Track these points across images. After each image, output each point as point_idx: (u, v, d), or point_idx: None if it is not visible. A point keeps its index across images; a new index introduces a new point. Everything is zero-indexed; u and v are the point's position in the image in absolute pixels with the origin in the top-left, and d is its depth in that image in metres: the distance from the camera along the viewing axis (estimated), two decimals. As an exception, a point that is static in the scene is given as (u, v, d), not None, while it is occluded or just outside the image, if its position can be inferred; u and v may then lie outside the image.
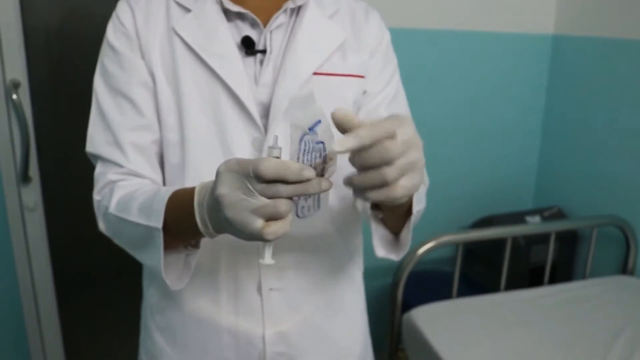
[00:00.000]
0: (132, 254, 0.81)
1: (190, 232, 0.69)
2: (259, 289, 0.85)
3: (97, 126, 0.83)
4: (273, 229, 0.58)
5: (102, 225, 0.83)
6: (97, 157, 0.83)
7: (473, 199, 2.21)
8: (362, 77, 0.86)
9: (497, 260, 1.83)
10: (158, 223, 0.70)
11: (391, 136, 0.56)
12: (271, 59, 0.81)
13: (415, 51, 1.96)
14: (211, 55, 0.79)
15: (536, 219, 2.00)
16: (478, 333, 1.53)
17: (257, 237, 0.59)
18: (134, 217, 0.74)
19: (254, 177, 0.57)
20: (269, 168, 0.56)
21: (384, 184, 0.57)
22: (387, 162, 0.56)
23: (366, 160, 0.57)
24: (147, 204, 0.73)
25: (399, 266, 1.70)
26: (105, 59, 0.82)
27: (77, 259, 2.43)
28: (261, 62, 0.81)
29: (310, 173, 0.57)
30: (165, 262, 0.74)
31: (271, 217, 0.58)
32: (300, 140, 0.59)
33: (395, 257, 0.78)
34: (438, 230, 1.74)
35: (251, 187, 0.58)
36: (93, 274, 2.60)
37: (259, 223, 0.58)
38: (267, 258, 0.62)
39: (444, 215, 2.11)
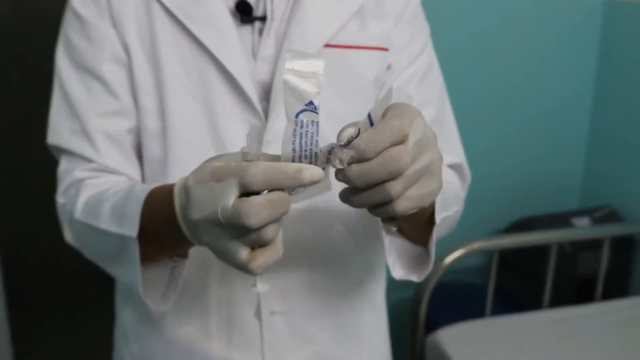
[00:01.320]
0: (106, 270, 0.80)
1: (174, 240, 0.67)
2: (258, 313, 0.85)
3: (61, 112, 0.82)
4: (261, 262, 0.56)
5: (68, 235, 0.83)
6: (61, 150, 0.83)
7: (508, 197, 2.21)
8: (385, 49, 0.85)
9: (539, 271, 1.83)
10: (132, 231, 0.68)
11: (402, 140, 0.54)
12: (272, 27, 0.81)
13: (444, 19, 1.93)
14: (198, 24, 0.78)
15: (585, 221, 2.00)
16: (516, 359, 1.52)
17: (242, 270, 0.57)
18: (104, 223, 0.73)
19: (241, 189, 0.53)
20: (256, 176, 0.52)
21: (388, 201, 0.56)
22: (396, 175, 0.54)
23: (368, 177, 0.54)
24: (120, 206, 0.72)
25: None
26: (68, 29, 0.82)
27: (33, 263, 2.46)
28: (260, 32, 0.81)
29: (313, 173, 0.53)
30: (146, 278, 0.72)
31: (257, 245, 0.56)
32: (296, 117, 0.54)
33: (416, 277, 0.76)
34: (468, 235, 1.73)
35: (225, 209, 0.54)
36: (51, 282, 2.61)
37: (243, 254, 0.56)
38: (260, 285, 0.61)
39: (474, 216, 2.05)
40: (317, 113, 0.54)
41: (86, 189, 0.79)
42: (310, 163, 0.55)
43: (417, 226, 0.73)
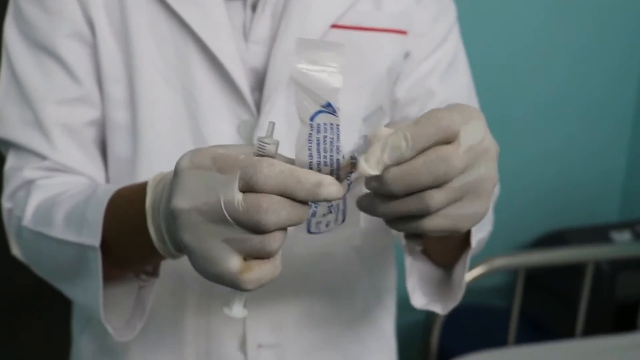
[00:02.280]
0: (60, 289, 0.80)
1: (142, 252, 0.67)
2: (243, 346, 0.85)
3: (9, 98, 0.82)
4: (256, 276, 0.52)
5: (14, 247, 0.83)
6: (9, 144, 0.83)
7: (536, 207, 2.21)
8: (403, 32, 0.84)
9: (572, 294, 1.83)
10: (93, 239, 0.68)
11: (450, 138, 0.51)
12: (269, 2, 0.80)
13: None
14: None
15: (625, 235, 1.99)
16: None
17: (228, 282, 0.53)
18: (58, 231, 0.73)
19: (242, 186, 0.50)
20: (270, 178, 0.49)
21: (424, 214, 0.52)
22: (441, 182, 0.51)
23: (409, 180, 0.50)
24: (78, 211, 0.72)
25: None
26: None
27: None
28: (253, 8, 0.80)
29: (331, 191, 0.50)
30: (108, 300, 0.72)
31: (254, 255, 0.52)
32: (311, 121, 0.51)
33: (440, 308, 0.75)
34: (489, 251, 1.70)
35: (231, 203, 0.51)
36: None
37: (234, 263, 0.52)
38: (237, 309, 0.57)
39: (496, 228, 2.05)
40: (336, 115, 0.51)
41: (37, 192, 0.78)
42: (332, 173, 0.52)
43: (448, 248, 0.73)
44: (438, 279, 0.76)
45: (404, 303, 1.75)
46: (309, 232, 0.58)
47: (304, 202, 0.51)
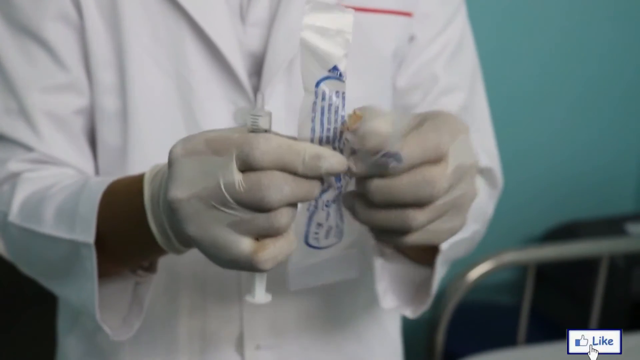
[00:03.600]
0: (50, 288, 0.80)
1: (141, 249, 0.69)
2: (240, 347, 0.85)
3: None
4: (271, 254, 0.53)
5: (0, 245, 0.83)
6: None
7: (546, 198, 2.21)
8: (408, 14, 0.85)
9: (585, 290, 1.83)
10: (87, 236, 0.68)
11: (438, 159, 0.53)
12: None
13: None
14: None
15: None
16: (558, 399, 1.53)
17: (244, 265, 0.54)
18: (49, 227, 0.73)
19: (240, 166, 0.51)
20: (267, 153, 0.50)
21: (404, 231, 0.55)
22: (424, 203, 0.53)
23: (390, 197, 0.53)
24: (69, 205, 0.72)
25: (439, 297, 1.68)
26: None
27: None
28: None
29: (333, 163, 0.52)
30: (103, 298, 0.72)
31: (263, 234, 0.54)
32: (317, 87, 0.53)
33: (411, 312, 0.77)
34: (497, 245, 1.72)
35: (231, 183, 0.52)
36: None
37: (245, 245, 0.53)
38: (260, 294, 0.58)
39: (505, 222, 2.03)
40: (343, 81, 0.53)
41: (24, 185, 0.78)
42: (334, 147, 0.53)
43: (421, 250, 0.74)
44: (411, 281, 0.78)
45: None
46: (308, 244, 0.59)
47: (308, 178, 0.52)
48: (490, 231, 1.14)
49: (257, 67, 0.79)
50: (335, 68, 0.53)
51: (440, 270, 0.74)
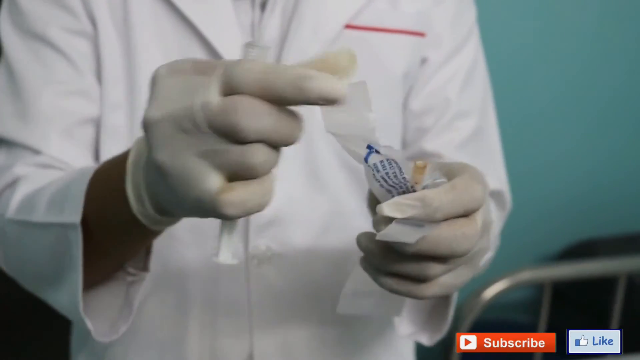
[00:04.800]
0: (44, 297, 0.76)
1: (123, 227, 0.62)
2: None
3: (3, 92, 0.82)
4: (237, 197, 0.47)
5: None
6: (1, 142, 0.83)
7: (564, 215, 2.20)
8: (421, 34, 0.85)
9: (603, 309, 1.81)
10: (73, 216, 0.64)
11: (472, 211, 0.53)
12: (278, 1, 0.81)
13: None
14: None
15: None
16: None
17: (208, 207, 0.48)
18: (41, 215, 0.70)
19: (222, 87, 0.47)
20: (251, 71, 0.46)
21: (419, 280, 0.55)
22: (450, 257, 0.53)
23: (426, 250, 0.52)
24: (62, 191, 0.69)
25: (455, 316, 1.66)
26: None
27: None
28: (262, 7, 0.81)
29: (323, 85, 0.45)
30: (92, 298, 0.70)
31: (235, 171, 0.48)
32: (367, 162, 0.52)
33: (427, 339, 0.77)
34: (513, 263, 1.71)
35: (206, 103, 0.47)
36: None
37: (213, 181, 0.48)
38: (224, 253, 0.52)
39: (521, 239, 2.07)
40: (382, 153, 0.51)
41: (25, 184, 0.76)
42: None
43: None
44: (428, 307, 0.77)
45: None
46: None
47: (292, 119, 0.48)
48: (507, 249, 1.13)
49: None
50: (369, 146, 0.51)
51: (455, 298, 0.74)
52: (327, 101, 0.45)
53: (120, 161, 0.60)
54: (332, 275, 0.83)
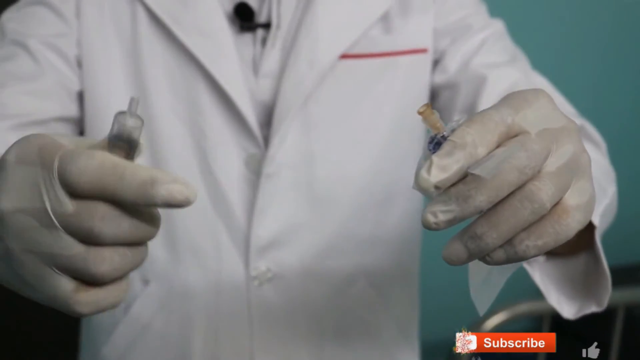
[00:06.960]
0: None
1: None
2: None
3: None
4: (91, 297, 0.46)
5: None
6: None
7: None
8: (424, 50, 0.86)
9: (602, 341, 1.80)
10: None
11: (516, 130, 0.45)
12: (278, 36, 0.83)
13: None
14: (187, 29, 0.80)
15: None
16: None
17: (60, 303, 0.47)
18: None
19: (62, 184, 0.44)
20: (85, 172, 0.43)
21: (538, 217, 0.45)
22: (532, 174, 0.44)
23: (500, 231, 0.45)
24: None
25: (453, 349, 1.68)
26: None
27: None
28: (263, 42, 0.83)
29: (174, 190, 0.43)
30: None
31: (84, 278, 0.46)
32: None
33: (596, 305, 0.73)
34: (512, 295, 1.68)
35: (58, 205, 0.44)
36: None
37: (65, 280, 0.46)
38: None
39: (520, 269, 2.04)
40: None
41: None
42: None
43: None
44: (576, 276, 0.73)
45: (427, 347, 1.74)
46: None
47: (149, 220, 0.45)
48: (506, 281, 1.13)
49: (267, 117, 0.81)
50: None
51: (601, 247, 0.68)
52: (173, 206, 0.43)
53: None
54: (332, 296, 0.85)
